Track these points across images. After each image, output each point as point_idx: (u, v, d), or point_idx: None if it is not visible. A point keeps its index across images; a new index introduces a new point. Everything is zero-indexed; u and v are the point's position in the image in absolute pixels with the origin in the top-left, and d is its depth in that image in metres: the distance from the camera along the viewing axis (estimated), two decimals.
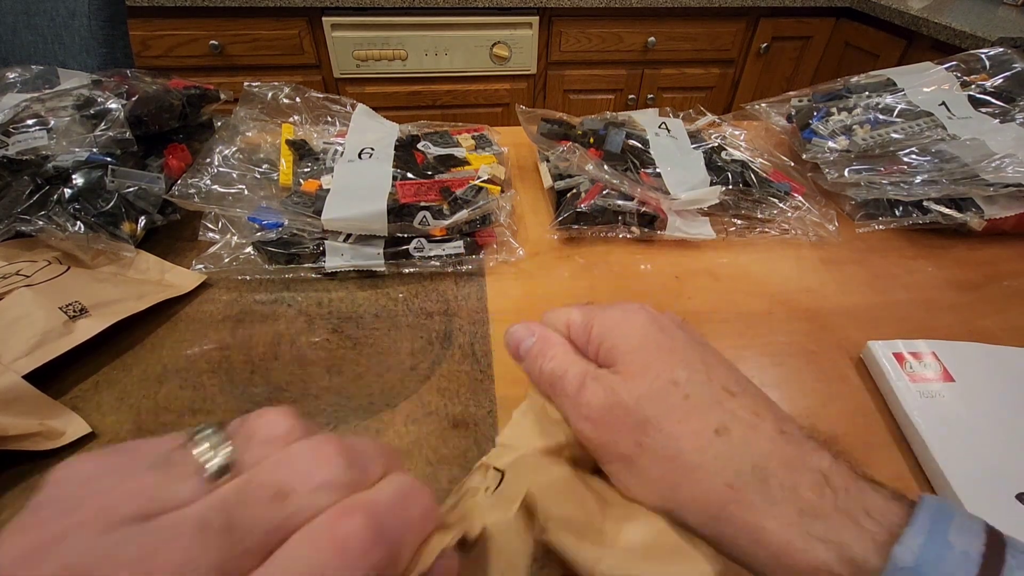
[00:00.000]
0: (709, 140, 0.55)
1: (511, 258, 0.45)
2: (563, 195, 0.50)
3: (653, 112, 0.59)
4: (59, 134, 0.41)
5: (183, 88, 0.49)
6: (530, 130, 0.53)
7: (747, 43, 1.59)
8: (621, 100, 1.61)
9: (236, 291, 0.42)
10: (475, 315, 0.40)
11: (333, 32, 1.34)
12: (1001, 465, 0.30)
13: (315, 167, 0.46)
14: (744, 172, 0.51)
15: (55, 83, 0.48)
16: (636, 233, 0.48)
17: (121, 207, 0.41)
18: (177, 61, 1.34)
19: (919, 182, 0.48)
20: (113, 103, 0.42)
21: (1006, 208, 0.47)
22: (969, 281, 0.46)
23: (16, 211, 0.38)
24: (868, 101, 0.54)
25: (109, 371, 0.35)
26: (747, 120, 0.65)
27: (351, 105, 0.54)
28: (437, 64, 1.43)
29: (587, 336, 0.24)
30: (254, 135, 0.50)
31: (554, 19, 1.43)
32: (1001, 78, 0.54)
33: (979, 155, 0.47)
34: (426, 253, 0.43)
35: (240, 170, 0.45)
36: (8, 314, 0.32)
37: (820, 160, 0.52)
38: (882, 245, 0.50)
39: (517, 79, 1.51)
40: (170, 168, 0.46)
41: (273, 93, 0.52)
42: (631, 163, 0.50)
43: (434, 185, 0.44)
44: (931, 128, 0.51)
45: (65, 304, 0.34)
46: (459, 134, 0.54)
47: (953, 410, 0.33)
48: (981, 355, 0.36)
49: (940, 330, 0.41)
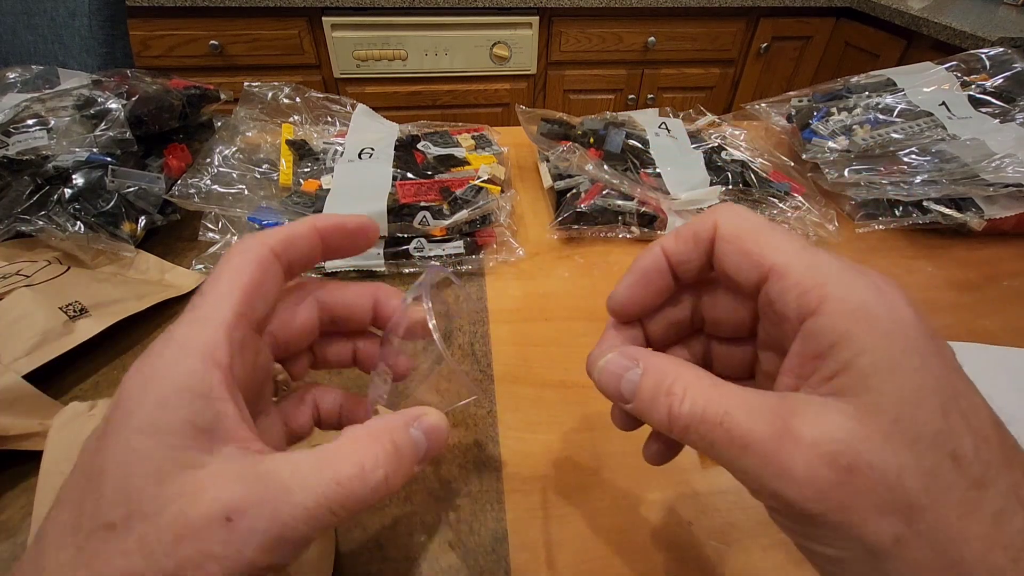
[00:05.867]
0: (709, 140, 0.55)
1: (511, 258, 0.45)
2: (563, 195, 0.50)
3: (653, 112, 0.59)
4: (59, 134, 0.41)
5: (183, 88, 0.48)
6: (530, 130, 0.53)
7: (747, 43, 1.59)
8: (621, 100, 1.61)
9: None
10: (475, 315, 0.40)
11: (333, 32, 1.34)
12: None
13: (315, 167, 0.46)
14: (744, 172, 0.51)
15: (55, 83, 0.48)
16: (636, 233, 0.48)
17: (121, 207, 0.41)
18: (177, 61, 1.33)
19: (919, 182, 0.48)
20: (113, 103, 0.42)
21: (1006, 208, 0.47)
22: (969, 281, 0.46)
23: (16, 211, 0.38)
24: (868, 101, 0.54)
25: (109, 371, 0.35)
26: (747, 120, 0.65)
27: (351, 105, 0.54)
28: (437, 64, 1.43)
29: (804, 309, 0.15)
30: (254, 135, 0.50)
31: (554, 19, 1.43)
32: (1001, 78, 0.54)
33: (979, 155, 0.47)
34: (426, 253, 0.43)
35: (240, 170, 0.45)
36: (8, 314, 0.32)
37: (820, 160, 0.52)
38: (882, 245, 0.50)
39: (517, 79, 1.51)
40: (170, 168, 0.46)
41: (273, 93, 0.52)
42: (631, 163, 0.50)
43: (434, 185, 0.44)
44: (931, 128, 0.51)
45: (65, 304, 0.34)
46: (459, 134, 0.54)
47: None
48: (981, 355, 0.36)
49: (940, 330, 0.40)
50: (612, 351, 0.19)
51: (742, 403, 0.15)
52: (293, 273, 0.20)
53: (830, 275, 0.15)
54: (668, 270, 0.20)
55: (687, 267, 0.19)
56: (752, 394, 0.16)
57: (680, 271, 0.19)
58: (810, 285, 0.15)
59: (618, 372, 0.18)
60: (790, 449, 0.14)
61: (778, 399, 0.15)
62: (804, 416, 0.14)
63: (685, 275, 0.19)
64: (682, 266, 0.19)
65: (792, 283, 0.16)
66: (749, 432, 0.15)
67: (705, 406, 0.16)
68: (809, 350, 0.15)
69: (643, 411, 0.17)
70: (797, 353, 0.16)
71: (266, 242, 0.19)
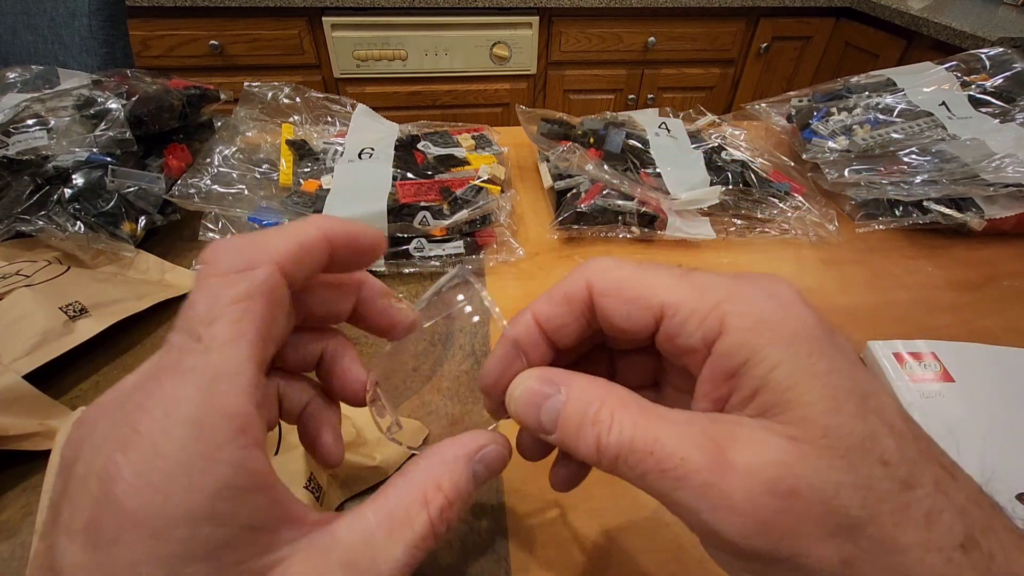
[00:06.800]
0: (709, 140, 0.55)
1: (511, 258, 0.45)
2: (563, 195, 0.50)
3: (653, 112, 0.59)
4: (59, 134, 0.41)
5: (183, 88, 0.48)
6: (530, 130, 0.53)
7: (747, 43, 1.59)
8: (621, 100, 1.61)
9: None
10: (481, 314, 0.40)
11: (333, 32, 1.34)
12: (1001, 465, 0.30)
13: (315, 167, 0.46)
14: (744, 172, 0.51)
15: (55, 83, 0.48)
16: (636, 233, 0.48)
17: (121, 207, 0.41)
18: (177, 61, 1.34)
19: (919, 182, 0.48)
20: (113, 103, 0.42)
21: (1006, 208, 0.47)
22: (969, 281, 0.46)
23: (16, 211, 0.38)
24: (868, 101, 0.54)
25: (109, 371, 0.35)
26: (747, 120, 0.65)
27: (351, 105, 0.54)
28: (437, 64, 1.43)
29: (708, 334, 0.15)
30: (254, 135, 0.50)
31: (554, 19, 1.43)
32: (1001, 78, 0.54)
33: (979, 155, 0.47)
34: (426, 253, 0.43)
35: (240, 170, 0.45)
36: (8, 314, 0.32)
37: (820, 160, 0.52)
38: (882, 245, 0.50)
39: (517, 79, 1.51)
40: (170, 168, 0.46)
41: (273, 93, 0.52)
42: (631, 163, 0.50)
43: (434, 185, 0.44)
44: (931, 128, 0.51)
45: (65, 304, 0.34)
46: (459, 134, 0.54)
47: (953, 410, 0.33)
48: (981, 355, 0.36)
49: (940, 330, 0.41)
50: (529, 376, 0.17)
51: (673, 429, 0.14)
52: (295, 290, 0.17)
53: (723, 293, 0.15)
54: (543, 339, 0.18)
55: (564, 332, 0.18)
56: (683, 418, 0.15)
57: (556, 337, 0.18)
58: (707, 309, 0.15)
59: (537, 401, 0.16)
60: (728, 479, 0.13)
61: (709, 421, 0.15)
62: (737, 441, 0.14)
63: (563, 340, 0.18)
64: (558, 332, 0.18)
65: (688, 313, 0.15)
66: (682, 462, 0.14)
67: (633, 434, 0.14)
68: (720, 371, 0.15)
69: (568, 443, 0.16)
70: (708, 378, 0.15)
71: (273, 259, 0.15)
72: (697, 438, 0.14)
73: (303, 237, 0.16)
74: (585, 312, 0.17)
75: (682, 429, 0.14)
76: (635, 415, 0.15)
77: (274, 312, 0.15)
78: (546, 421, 0.16)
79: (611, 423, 0.15)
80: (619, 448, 0.14)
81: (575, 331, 0.18)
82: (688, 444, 0.14)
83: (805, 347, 0.14)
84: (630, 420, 0.15)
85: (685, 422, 0.15)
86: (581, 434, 0.15)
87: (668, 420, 0.15)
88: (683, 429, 0.14)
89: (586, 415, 0.15)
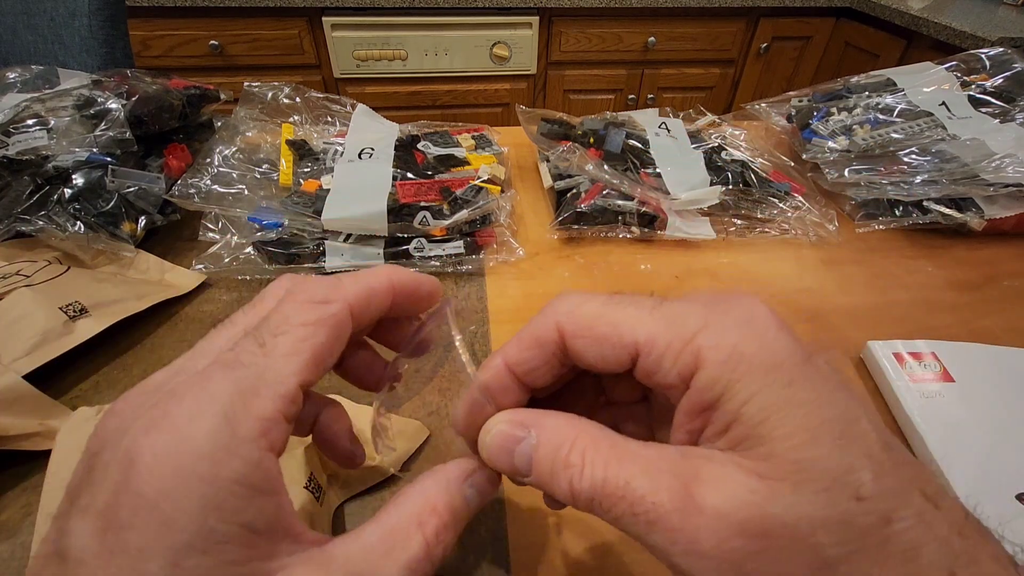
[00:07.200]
0: (709, 140, 0.55)
1: (511, 258, 0.45)
2: (563, 195, 0.50)
3: (653, 112, 0.59)
4: (59, 134, 0.41)
5: (183, 88, 0.48)
6: (530, 130, 0.53)
7: (747, 43, 1.59)
8: (621, 100, 1.61)
9: (236, 291, 0.42)
10: (475, 315, 0.40)
11: (333, 32, 1.34)
12: (1001, 465, 0.30)
13: (315, 167, 0.46)
14: (744, 172, 0.51)
15: (55, 83, 0.48)
16: (636, 233, 0.48)
17: (121, 207, 0.41)
18: (177, 61, 1.34)
19: (919, 182, 0.48)
20: (113, 103, 0.42)
21: (1006, 208, 0.47)
22: (969, 281, 0.46)
23: (16, 211, 0.38)
24: (868, 101, 0.54)
25: (109, 371, 0.35)
26: (747, 120, 0.65)
27: (351, 105, 0.54)
28: (437, 64, 1.43)
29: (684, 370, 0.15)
30: (254, 135, 0.50)
31: (554, 19, 1.43)
32: (1001, 78, 0.54)
33: (979, 155, 0.47)
34: (426, 253, 0.43)
35: (240, 170, 0.45)
36: (8, 314, 0.32)
37: (820, 160, 0.52)
38: (882, 245, 0.50)
39: (517, 79, 1.51)
40: (170, 168, 0.46)
41: (273, 93, 0.52)
42: (631, 163, 0.50)
43: (434, 185, 0.44)
44: (931, 128, 0.51)
45: (65, 304, 0.34)
46: (459, 134, 0.54)
47: (953, 410, 0.33)
48: (981, 355, 0.36)
49: (940, 330, 0.41)
50: (500, 420, 0.17)
51: (643, 468, 0.14)
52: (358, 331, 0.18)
53: (697, 323, 0.15)
54: (515, 383, 0.18)
55: (537, 375, 0.18)
56: (654, 453, 0.15)
57: (529, 380, 0.18)
58: (681, 344, 0.15)
59: (508, 446, 0.16)
60: (695, 523, 0.13)
61: (679, 457, 0.14)
62: (704, 481, 0.13)
63: (537, 382, 0.18)
64: (530, 376, 0.18)
65: (663, 349, 0.15)
66: (652, 506, 0.13)
67: (605, 476, 0.14)
68: (696, 405, 0.15)
69: (543, 485, 0.16)
70: (684, 410, 0.15)
71: (347, 298, 0.17)
72: (665, 476, 0.14)
73: (374, 283, 0.18)
74: (557, 353, 0.17)
75: (652, 466, 0.14)
76: (606, 455, 0.15)
77: (333, 344, 0.16)
78: (520, 465, 0.16)
79: (583, 466, 0.15)
80: (592, 492, 0.14)
81: (548, 372, 0.18)
82: (658, 485, 0.14)
83: (783, 376, 0.14)
84: (601, 461, 0.15)
85: (656, 459, 0.14)
86: (555, 479, 0.15)
87: (640, 458, 0.14)
88: (652, 466, 0.14)
89: (557, 459, 0.15)
